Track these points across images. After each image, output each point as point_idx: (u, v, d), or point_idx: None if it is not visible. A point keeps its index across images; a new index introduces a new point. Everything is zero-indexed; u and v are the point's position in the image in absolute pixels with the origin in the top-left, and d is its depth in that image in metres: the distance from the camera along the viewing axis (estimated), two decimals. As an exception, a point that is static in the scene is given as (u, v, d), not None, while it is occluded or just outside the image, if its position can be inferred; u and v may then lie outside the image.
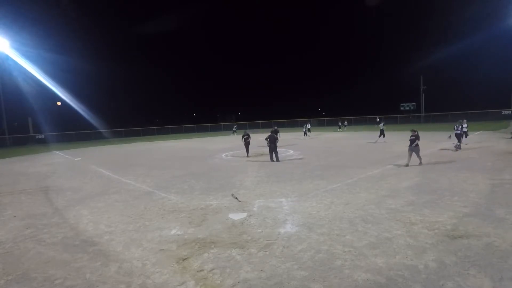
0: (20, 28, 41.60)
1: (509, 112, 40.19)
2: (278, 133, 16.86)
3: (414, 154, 10.41)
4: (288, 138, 26.62)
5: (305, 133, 27.28)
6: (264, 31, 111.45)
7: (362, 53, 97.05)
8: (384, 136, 19.96)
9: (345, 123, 37.70)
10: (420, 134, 10.92)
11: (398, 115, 51.11)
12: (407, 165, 10.29)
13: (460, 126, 14.85)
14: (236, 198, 7.24)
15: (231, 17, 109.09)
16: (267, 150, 13.80)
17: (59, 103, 49.07)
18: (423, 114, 51.02)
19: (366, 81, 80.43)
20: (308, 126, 28.98)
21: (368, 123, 48.87)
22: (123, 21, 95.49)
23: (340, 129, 35.44)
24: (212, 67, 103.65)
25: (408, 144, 10.56)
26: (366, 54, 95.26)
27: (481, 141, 17.37)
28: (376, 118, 43.65)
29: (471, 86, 54.83)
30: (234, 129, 38.59)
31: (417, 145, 10.24)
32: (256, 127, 55.67)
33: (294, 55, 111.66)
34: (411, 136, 10.40)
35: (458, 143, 14.38)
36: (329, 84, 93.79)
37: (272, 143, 13.10)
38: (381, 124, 20.67)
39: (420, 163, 10.41)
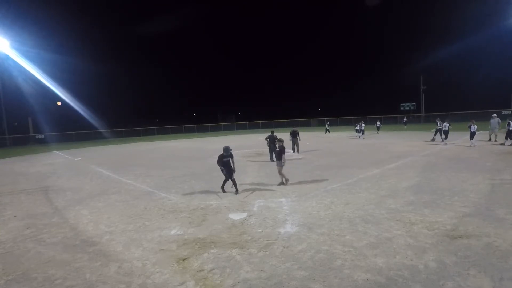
0: (20, 28, 41.81)
1: (509, 112, 40.11)
2: (298, 135, 16.07)
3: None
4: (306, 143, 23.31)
5: (359, 131, 25.36)
6: (264, 31, 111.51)
7: (361, 53, 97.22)
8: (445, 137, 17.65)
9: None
10: (421, 134, 10.80)
11: (398, 115, 51.15)
12: (282, 184, 8.47)
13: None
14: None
15: (231, 17, 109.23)
16: (267, 150, 13.78)
17: (59, 103, 49.09)
18: (423, 114, 51.03)
19: (366, 81, 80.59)
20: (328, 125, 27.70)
21: (369, 123, 48.81)
22: (123, 21, 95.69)
23: (378, 130, 30.68)
24: (212, 67, 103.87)
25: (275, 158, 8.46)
26: (366, 54, 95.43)
27: (481, 141, 17.35)
28: (403, 117, 43.12)
29: (471, 86, 54.81)
30: (327, 126, 32.36)
31: (282, 159, 8.21)
32: (256, 127, 55.72)
33: (294, 55, 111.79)
34: (277, 147, 8.37)
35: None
36: (328, 84, 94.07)
37: (272, 143, 13.09)
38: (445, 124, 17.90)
39: (283, 183, 8.45)
